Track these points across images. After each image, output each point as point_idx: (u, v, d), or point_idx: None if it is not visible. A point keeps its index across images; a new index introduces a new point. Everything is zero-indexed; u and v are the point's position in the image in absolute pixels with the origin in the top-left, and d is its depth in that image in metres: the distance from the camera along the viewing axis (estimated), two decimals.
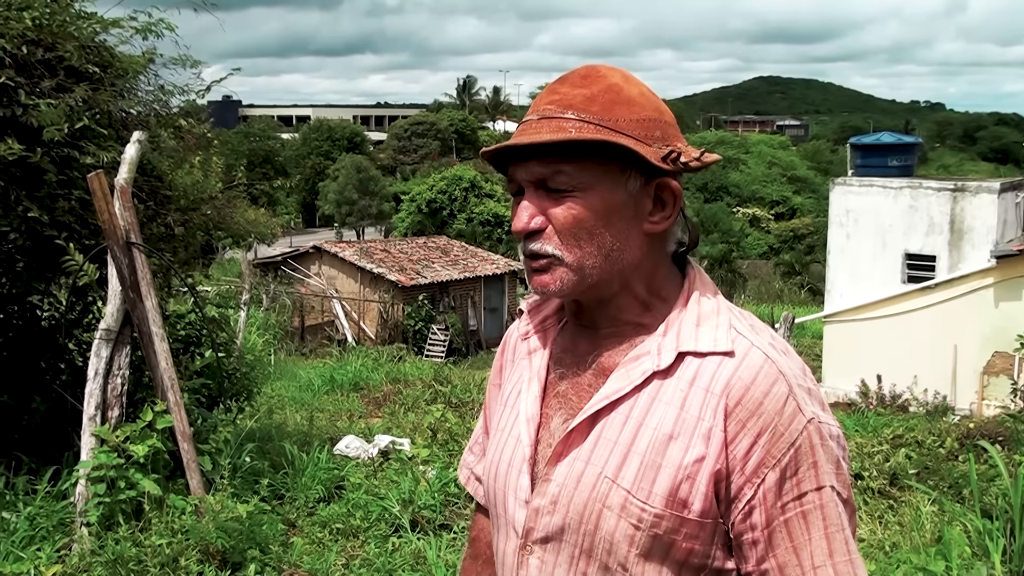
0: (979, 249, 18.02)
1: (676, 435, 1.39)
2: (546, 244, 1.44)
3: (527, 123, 1.45)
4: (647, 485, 1.39)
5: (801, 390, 1.40)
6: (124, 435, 4.97)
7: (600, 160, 1.41)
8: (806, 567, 1.37)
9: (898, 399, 17.25)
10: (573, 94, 1.44)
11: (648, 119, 1.45)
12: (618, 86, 1.45)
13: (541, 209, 1.44)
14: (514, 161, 1.47)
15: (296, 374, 16.52)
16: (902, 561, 5.23)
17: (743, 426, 1.37)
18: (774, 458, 1.36)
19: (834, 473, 1.39)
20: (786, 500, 1.37)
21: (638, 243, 1.46)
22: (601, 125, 1.40)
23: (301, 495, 6.40)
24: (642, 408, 1.42)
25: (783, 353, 1.44)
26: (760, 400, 1.37)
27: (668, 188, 1.46)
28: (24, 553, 4.62)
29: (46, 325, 5.78)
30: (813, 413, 1.39)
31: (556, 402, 1.54)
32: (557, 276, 1.45)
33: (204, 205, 6.70)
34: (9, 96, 5.12)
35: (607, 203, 1.43)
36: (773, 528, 1.38)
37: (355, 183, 51.86)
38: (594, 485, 1.42)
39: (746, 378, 1.38)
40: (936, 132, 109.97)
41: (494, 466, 1.60)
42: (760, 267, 47.25)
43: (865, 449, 7.97)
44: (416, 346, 27.13)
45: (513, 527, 1.53)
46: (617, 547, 1.40)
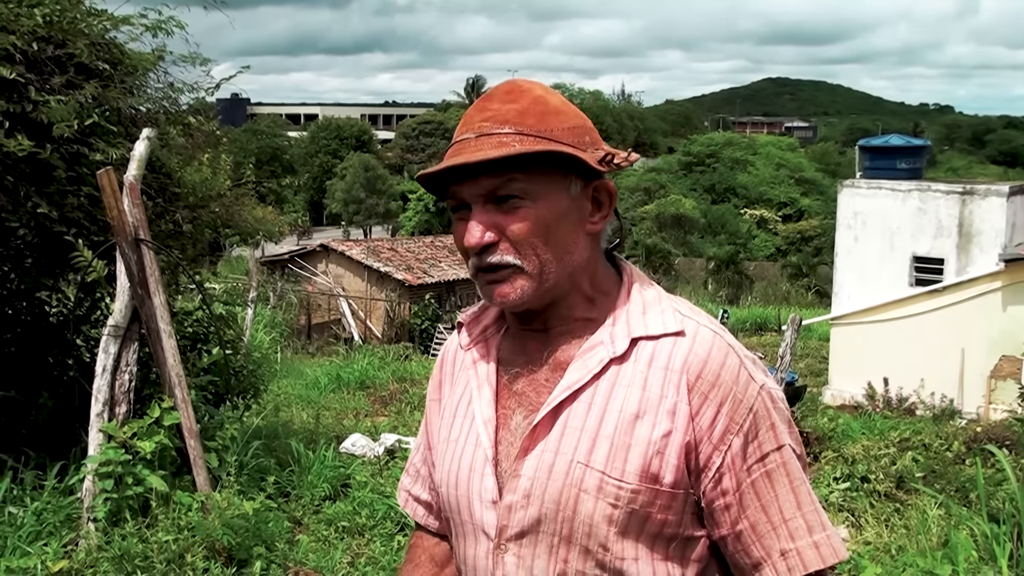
0: (987, 252, 17.96)
1: (642, 414, 1.46)
2: (505, 255, 1.49)
3: (464, 142, 1.50)
4: (620, 464, 1.45)
5: (748, 360, 1.51)
6: (131, 431, 4.98)
7: (544, 169, 1.48)
8: (775, 522, 1.47)
9: (905, 402, 17.21)
10: (505, 109, 1.50)
11: (576, 126, 1.52)
12: (543, 98, 1.52)
13: (492, 223, 1.49)
14: (457, 180, 1.50)
15: (303, 372, 16.56)
16: (908, 565, 5.22)
17: (705, 398, 1.45)
18: (737, 424, 1.46)
19: (788, 432, 1.51)
20: (751, 462, 1.46)
21: (583, 243, 1.54)
22: (540, 136, 1.47)
23: (307, 493, 6.41)
24: (603, 394, 1.49)
25: (723, 330, 1.54)
26: (718, 372, 1.46)
27: (605, 189, 1.55)
28: (31, 548, 4.63)
29: (54, 321, 5.79)
30: (762, 380, 1.50)
31: (514, 401, 1.58)
32: (517, 285, 1.50)
33: (212, 203, 6.71)
34: (19, 92, 5.13)
35: (555, 209, 1.49)
36: (743, 491, 1.46)
37: (363, 182, 51.93)
38: (567, 472, 1.47)
39: (702, 354, 1.48)
40: (945, 135, 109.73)
41: (452, 475, 1.61)
42: (767, 269, 47.15)
43: (872, 452, 7.95)
44: (422, 345, 27.12)
45: (482, 530, 1.55)
46: (597, 528, 1.46)
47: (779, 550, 1.46)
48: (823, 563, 1.46)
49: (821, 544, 1.47)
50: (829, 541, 1.48)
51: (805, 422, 9.79)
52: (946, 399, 17.13)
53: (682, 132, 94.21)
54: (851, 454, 7.93)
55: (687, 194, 58.73)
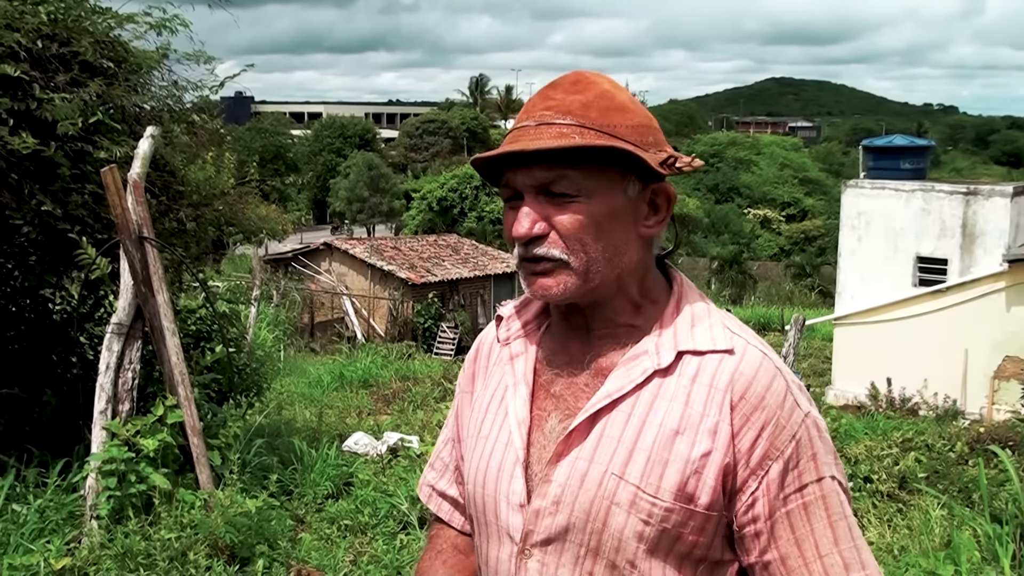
0: (991, 253, 17.95)
1: (682, 430, 1.41)
2: (552, 249, 1.44)
3: (523, 129, 1.46)
4: (655, 480, 1.40)
5: (795, 386, 1.45)
6: (134, 429, 4.98)
7: (602, 166, 1.43)
8: (808, 557, 1.40)
9: (908, 402, 17.20)
10: (569, 100, 1.45)
11: (641, 125, 1.47)
12: (610, 92, 1.48)
13: (543, 215, 1.44)
14: (512, 167, 1.47)
15: (306, 370, 16.58)
16: (911, 565, 5.22)
17: (747, 420, 1.40)
18: (777, 450, 1.40)
19: (833, 464, 1.44)
20: (788, 492, 1.41)
21: (635, 246, 1.49)
22: (602, 131, 1.42)
23: (310, 491, 6.42)
24: (645, 405, 1.44)
25: (771, 351, 1.49)
26: (762, 395, 1.41)
27: (663, 192, 1.51)
28: (34, 545, 4.63)
29: (58, 319, 5.80)
30: (808, 408, 1.44)
31: (550, 403, 1.54)
32: (560, 280, 1.45)
33: (216, 201, 6.71)
34: (24, 90, 5.13)
35: (609, 208, 1.45)
36: (775, 519, 1.41)
37: (366, 180, 51.91)
38: (600, 483, 1.42)
39: (748, 374, 1.42)
40: (949, 135, 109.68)
41: (480, 473, 1.57)
42: (770, 269, 47.16)
43: (875, 452, 7.94)
44: (425, 344, 27.18)
45: (507, 533, 1.51)
46: (626, 544, 1.41)
47: None
48: None
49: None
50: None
51: None
52: (949, 400, 17.13)
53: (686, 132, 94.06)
54: (854, 454, 7.92)
55: (691, 194, 58.77)
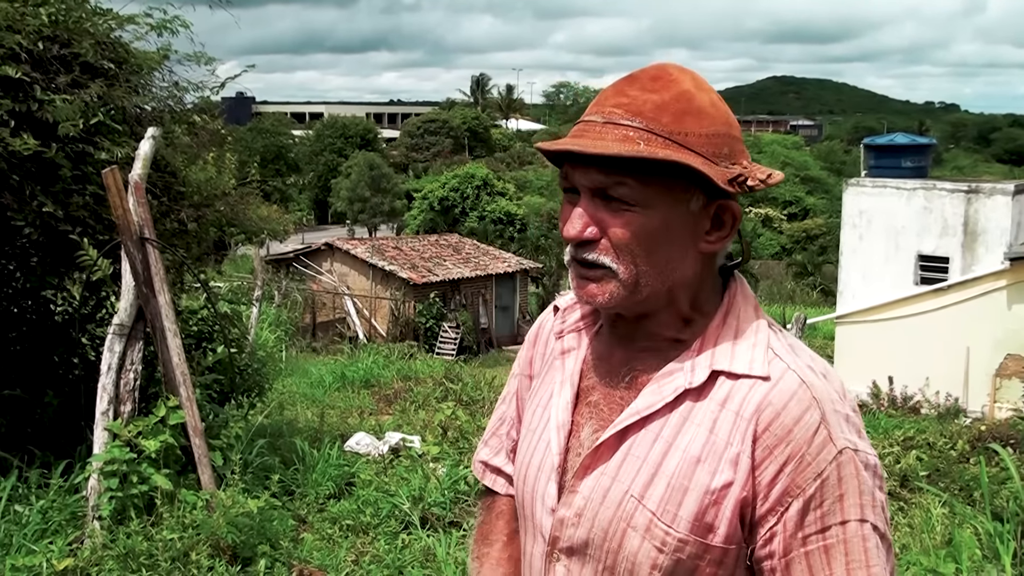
0: (992, 251, 17.95)
1: (704, 458, 1.36)
2: (601, 256, 1.39)
3: (590, 124, 1.38)
4: (673, 508, 1.36)
5: (837, 416, 1.36)
6: (136, 430, 4.99)
7: (665, 178, 1.35)
8: None
9: (910, 401, 17.20)
10: (643, 99, 1.37)
11: (717, 134, 1.38)
12: (689, 93, 1.39)
13: (596, 219, 1.38)
14: (572, 162, 1.40)
15: (307, 371, 16.56)
16: (912, 563, 5.22)
17: (770, 453, 1.33)
18: (799, 487, 1.32)
19: (868, 506, 1.34)
20: (808, 532, 1.33)
21: (692, 261, 1.42)
22: (671, 140, 1.34)
23: (311, 491, 6.42)
24: (673, 428, 1.39)
25: (822, 376, 1.39)
26: (790, 427, 1.33)
27: (729, 210, 1.41)
28: (36, 546, 4.64)
29: (60, 320, 5.80)
30: (847, 442, 1.35)
31: (587, 411, 1.51)
32: (607, 289, 1.40)
33: (217, 201, 6.72)
34: (25, 91, 5.14)
35: (667, 221, 1.37)
36: (792, 559, 1.34)
37: (367, 180, 51.90)
38: (620, 503, 1.39)
39: (777, 404, 1.35)
40: (950, 133, 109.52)
41: (523, 469, 1.57)
42: (772, 267, 47.11)
43: (876, 451, 7.94)
44: (427, 344, 27.17)
45: (540, 532, 1.51)
46: (639, 568, 1.38)
47: None
48: None
49: None
50: None
51: None
52: (951, 398, 17.13)
53: None
54: None
55: None
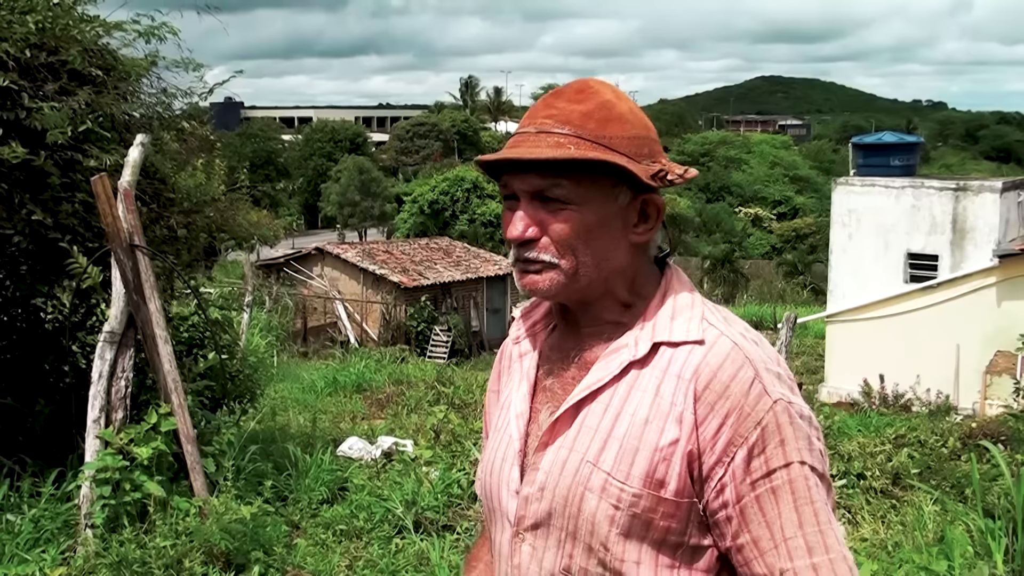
0: (981, 248, 18.01)
1: (651, 419, 1.48)
2: (542, 253, 1.53)
3: (524, 135, 1.53)
4: (625, 467, 1.47)
5: (769, 374, 1.47)
6: (128, 437, 4.99)
7: (595, 176, 1.50)
8: (778, 540, 1.43)
9: (901, 399, 17.24)
10: (569, 110, 1.52)
11: (638, 136, 1.54)
12: (611, 103, 1.54)
13: (537, 219, 1.52)
14: (511, 171, 1.54)
15: (299, 376, 16.55)
16: (904, 561, 5.24)
17: (711, 408, 1.45)
18: (742, 437, 1.43)
19: (805, 449, 1.46)
20: (755, 477, 1.44)
21: (624, 251, 1.56)
22: (597, 143, 1.49)
23: (304, 497, 6.41)
24: (621, 397, 1.51)
25: (753, 343, 1.52)
26: (727, 383, 1.45)
27: (653, 203, 1.57)
28: (29, 555, 4.64)
29: (50, 328, 5.80)
30: (780, 394, 1.46)
31: (543, 396, 1.64)
32: (547, 278, 1.53)
33: (207, 207, 6.71)
34: (13, 99, 5.14)
35: (599, 216, 1.52)
36: (744, 504, 1.44)
37: (357, 184, 51.83)
38: (577, 470, 1.50)
39: (713, 364, 1.47)
40: (938, 131, 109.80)
41: (489, 463, 1.68)
42: (762, 267, 47.20)
43: (868, 449, 7.97)
44: (419, 347, 27.14)
45: (507, 518, 1.61)
46: (599, 527, 1.48)
47: (779, 569, 1.43)
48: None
49: (820, 567, 1.43)
50: (830, 564, 1.43)
51: None
52: (942, 395, 17.18)
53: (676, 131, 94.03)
54: (847, 451, 7.95)
55: (682, 193, 58.73)
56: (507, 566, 1.62)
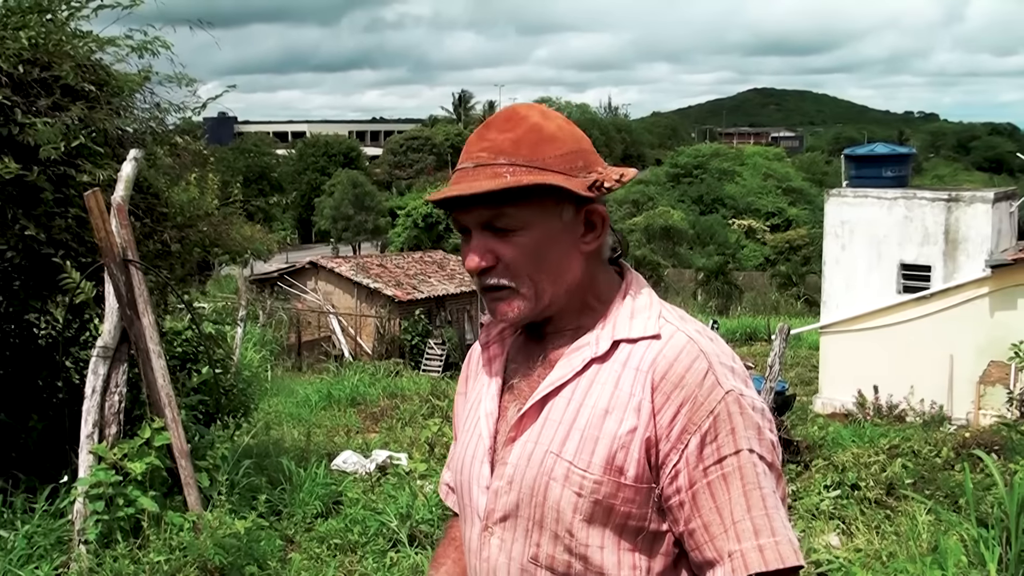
0: (974, 259, 18.06)
1: (611, 410, 1.55)
2: (500, 279, 1.60)
3: (463, 171, 1.60)
4: (587, 456, 1.54)
5: (723, 367, 1.55)
6: (122, 452, 4.98)
7: (536, 199, 1.56)
8: (727, 524, 1.49)
9: (895, 409, 17.27)
10: (501, 139, 1.58)
11: (570, 152, 1.60)
12: (539, 125, 1.60)
13: (489, 248, 1.59)
14: (457, 208, 1.61)
15: (293, 390, 16.54)
16: (899, 571, 5.25)
17: (667, 398, 1.52)
18: (695, 425, 1.50)
19: (754, 438, 1.52)
20: (707, 464, 1.50)
21: (578, 263, 1.63)
22: (532, 166, 1.55)
23: (299, 511, 6.41)
24: (582, 390, 1.59)
25: (708, 339, 1.60)
26: (682, 374, 1.52)
27: (597, 212, 1.63)
28: (22, 571, 4.62)
29: (43, 343, 5.80)
30: (732, 386, 1.53)
31: (510, 396, 1.70)
32: (515, 306, 1.61)
33: (200, 222, 6.71)
34: (6, 115, 5.14)
35: (547, 235, 1.59)
36: (696, 490, 1.51)
37: (351, 198, 51.89)
38: (541, 461, 1.57)
39: (670, 356, 1.54)
40: (930, 142, 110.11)
41: (460, 461, 1.75)
42: (756, 278, 47.26)
43: (862, 459, 7.98)
44: (413, 361, 27.12)
45: (477, 513, 1.67)
46: (563, 514, 1.54)
47: (728, 551, 1.49)
48: (765, 566, 1.47)
49: (765, 548, 1.48)
50: (776, 547, 1.49)
51: (795, 431, 9.83)
52: (936, 405, 17.20)
53: (669, 144, 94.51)
54: (841, 462, 7.96)
55: (675, 205, 58.93)
56: (476, 560, 1.68)
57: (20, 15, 5.53)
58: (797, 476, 7.99)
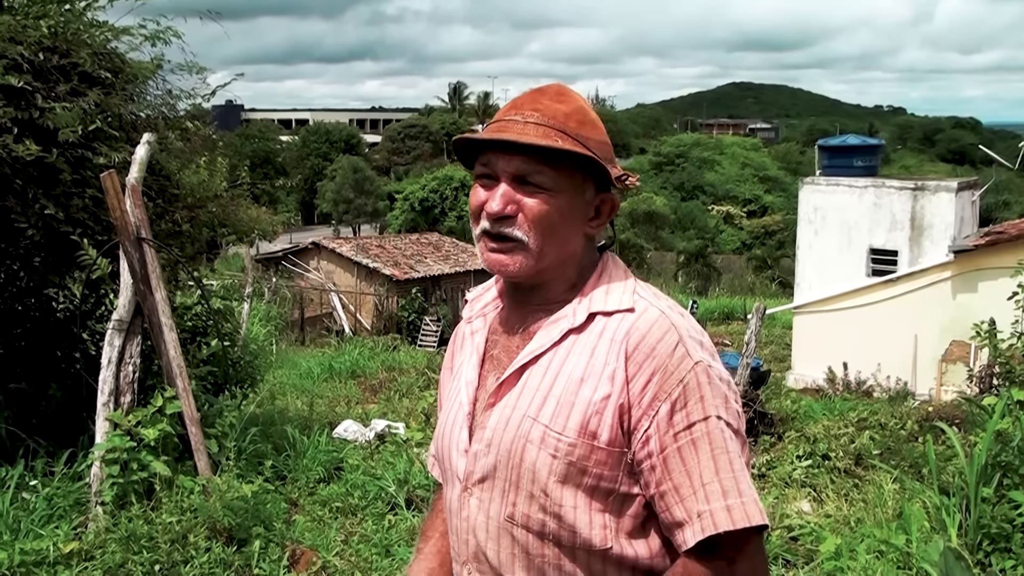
0: (938, 244, 18.08)
1: (586, 378, 1.56)
2: (516, 230, 1.59)
3: (511, 122, 1.60)
4: (562, 420, 1.55)
5: (692, 340, 1.56)
6: (136, 420, 4.98)
7: (572, 170, 1.60)
8: (696, 486, 1.50)
9: (863, 385, 17.32)
10: (554, 108, 1.61)
11: (604, 142, 1.64)
12: (585, 109, 1.64)
13: (515, 199, 1.59)
14: (496, 151, 1.60)
15: (296, 363, 16.52)
16: (866, 536, 5.28)
17: (640, 367, 1.53)
18: (666, 392, 1.52)
19: (722, 406, 1.54)
20: (677, 429, 1.51)
21: (579, 240, 1.66)
22: (577, 140, 1.58)
23: (302, 476, 6.42)
24: (559, 359, 1.60)
25: (679, 314, 1.61)
26: (654, 345, 1.54)
27: (610, 201, 1.67)
28: (43, 531, 4.63)
29: (61, 316, 5.78)
30: (701, 357, 1.55)
31: (491, 365, 1.72)
32: (517, 260, 1.61)
33: (209, 203, 6.70)
34: (27, 100, 5.11)
35: (570, 205, 1.61)
36: (667, 454, 1.51)
37: (351, 183, 51.76)
38: (519, 425, 1.59)
39: (643, 328, 1.56)
40: (898, 135, 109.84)
41: (441, 427, 1.77)
42: (733, 261, 47.31)
43: (832, 431, 8.02)
44: (410, 336, 27.09)
45: (456, 476, 1.68)
46: (538, 475, 1.55)
47: (696, 511, 1.49)
48: (733, 524, 1.48)
49: (733, 508, 1.48)
50: (743, 506, 1.49)
51: (770, 404, 9.86)
52: (901, 382, 17.26)
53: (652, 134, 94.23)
54: (813, 433, 7.99)
55: (658, 192, 58.93)
56: (457, 520, 1.69)
57: (41, 5, 5.51)
58: (771, 447, 8.03)
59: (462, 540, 1.68)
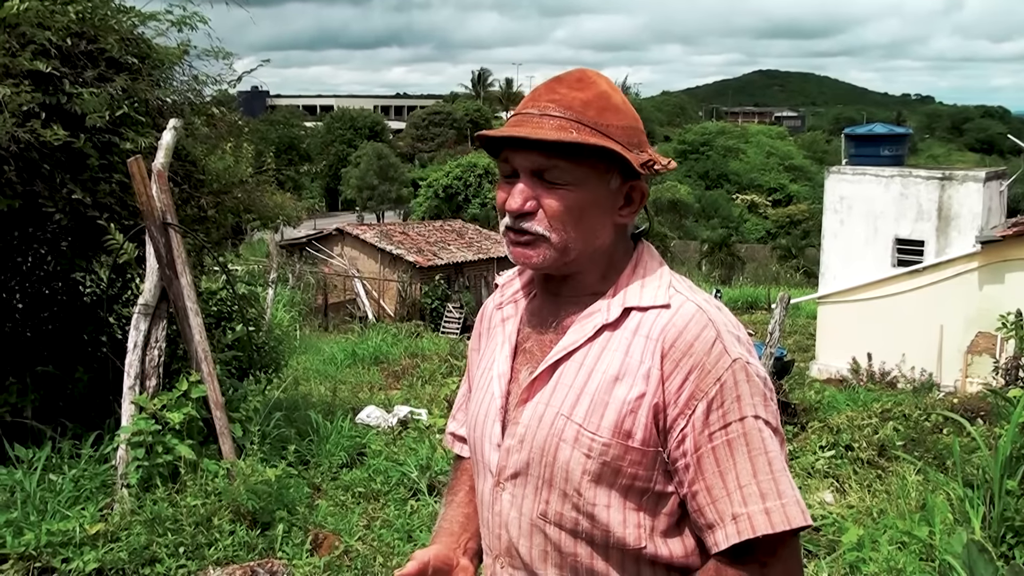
0: (965, 235, 17.95)
1: (621, 376, 1.52)
2: (536, 225, 1.56)
3: (527, 116, 1.56)
4: (596, 419, 1.52)
5: (730, 336, 1.52)
6: (161, 403, 5.02)
7: (592, 161, 1.54)
8: (731, 488, 1.46)
9: (887, 376, 17.24)
10: (572, 97, 1.55)
11: (630, 127, 1.58)
12: (608, 93, 1.58)
13: (535, 194, 1.55)
14: (514, 148, 1.57)
15: (320, 348, 16.58)
16: (889, 527, 5.25)
17: (676, 365, 1.49)
18: (703, 391, 1.47)
19: (760, 405, 1.50)
20: (713, 429, 1.47)
21: (609, 231, 1.60)
22: (596, 129, 1.53)
23: (325, 461, 6.45)
24: (594, 356, 1.56)
25: (716, 308, 1.56)
26: (691, 342, 1.50)
27: (639, 189, 1.61)
28: (70, 512, 4.67)
29: (88, 300, 5.82)
30: (739, 354, 1.50)
31: (523, 358, 1.68)
32: (540, 252, 1.57)
33: (235, 189, 6.72)
34: (55, 85, 5.15)
35: (592, 197, 1.56)
36: (701, 454, 1.48)
37: (375, 169, 51.83)
38: (552, 422, 1.55)
39: (679, 324, 1.51)
40: (926, 124, 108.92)
41: (473, 418, 1.74)
42: (758, 251, 47.10)
43: (856, 422, 7.96)
44: (433, 323, 27.16)
45: (489, 469, 1.66)
46: (572, 474, 1.53)
47: (731, 514, 1.46)
48: (772, 528, 1.44)
49: (772, 511, 1.45)
50: (782, 509, 1.45)
51: (793, 394, 9.82)
52: (925, 373, 17.17)
53: (677, 122, 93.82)
54: (836, 424, 7.94)
55: (682, 180, 58.62)
56: (489, 513, 1.67)
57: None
58: (794, 437, 7.99)
59: (494, 534, 1.66)
